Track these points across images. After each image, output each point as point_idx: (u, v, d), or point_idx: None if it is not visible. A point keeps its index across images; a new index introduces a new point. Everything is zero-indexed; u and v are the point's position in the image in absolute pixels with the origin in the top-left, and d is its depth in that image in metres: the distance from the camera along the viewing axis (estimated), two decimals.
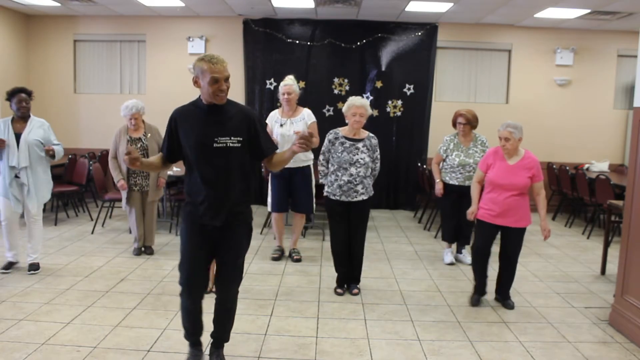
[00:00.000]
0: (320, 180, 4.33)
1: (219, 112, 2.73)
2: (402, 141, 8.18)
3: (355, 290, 4.28)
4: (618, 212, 5.00)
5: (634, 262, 3.60)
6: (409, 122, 8.14)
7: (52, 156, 4.55)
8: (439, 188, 5.20)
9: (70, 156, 6.91)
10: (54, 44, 8.26)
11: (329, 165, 4.22)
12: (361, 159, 4.11)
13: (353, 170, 4.09)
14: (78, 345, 3.23)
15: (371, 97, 8.11)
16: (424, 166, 7.46)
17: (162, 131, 3.09)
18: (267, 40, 8.01)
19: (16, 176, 4.45)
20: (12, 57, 7.86)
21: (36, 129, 4.51)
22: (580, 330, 3.71)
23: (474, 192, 4.14)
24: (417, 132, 8.18)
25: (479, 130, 5.20)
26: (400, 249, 5.85)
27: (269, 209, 5.35)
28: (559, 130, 8.29)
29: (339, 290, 4.29)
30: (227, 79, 2.71)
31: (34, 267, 4.60)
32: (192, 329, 2.94)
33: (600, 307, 4.15)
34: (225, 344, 3.28)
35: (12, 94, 4.46)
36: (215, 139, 2.67)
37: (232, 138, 2.69)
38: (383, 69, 8.05)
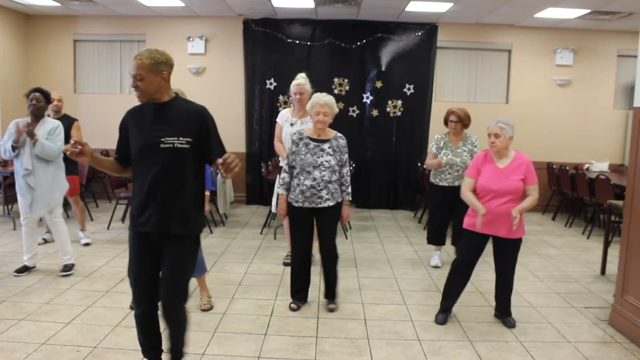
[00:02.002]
0: (278, 190, 3.94)
1: (167, 110, 2.52)
2: (402, 141, 8.18)
3: (332, 306, 3.92)
4: (618, 212, 5.00)
5: (634, 262, 3.60)
6: (409, 122, 8.14)
7: (33, 142, 4.30)
8: (437, 162, 4.87)
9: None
10: (54, 44, 8.26)
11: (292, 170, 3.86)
12: (326, 161, 3.74)
13: (317, 173, 3.72)
14: (78, 345, 3.23)
15: (371, 97, 8.12)
16: (424, 166, 7.46)
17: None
18: (267, 40, 8.02)
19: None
20: (12, 57, 7.86)
21: (45, 130, 4.44)
22: (580, 330, 3.71)
23: (473, 198, 3.63)
24: (417, 132, 8.18)
25: (479, 131, 5.17)
26: (400, 249, 5.84)
27: (274, 210, 5.23)
28: (559, 130, 8.29)
29: (293, 306, 3.91)
30: (138, 77, 2.44)
31: (67, 269, 4.58)
32: (144, 342, 2.73)
33: (600, 307, 4.14)
34: (225, 344, 3.29)
35: (28, 93, 4.48)
36: (162, 139, 2.46)
37: (181, 138, 2.47)
38: (383, 69, 8.06)
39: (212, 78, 8.24)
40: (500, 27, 8.13)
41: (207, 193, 4.29)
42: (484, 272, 4.99)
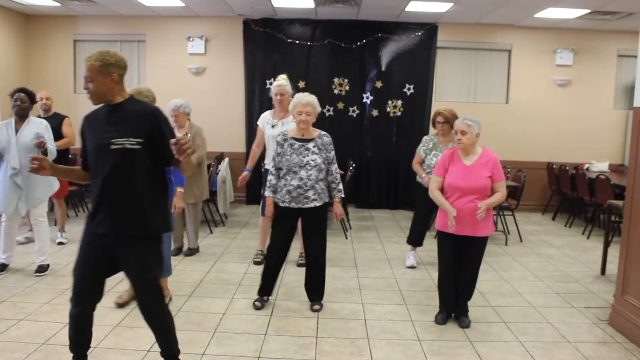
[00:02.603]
0: (265, 193, 3.93)
1: (118, 112, 2.55)
2: (402, 141, 8.17)
3: (317, 307, 3.90)
4: (618, 212, 5.00)
5: (634, 262, 3.60)
6: (409, 122, 8.14)
7: (45, 152, 4.37)
8: (426, 181, 4.70)
9: (70, 156, 6.90)
10: (54, 44, 8.26)
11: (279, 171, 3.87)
12: (312, 160, 3.75)
13: (303, 173, 3.73)
14: None
15: (371, 97, 8.12)
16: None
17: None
18: (267, 40, 8.02)
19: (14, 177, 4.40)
20: (12, 57, 7.86)
21: (30, 130, 4.46)
22: (580, 330, 3.71)
23: (441, 198, 3.63)
24: (417, 132, 8.13)
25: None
26: (400, 249, 5.84)
27: (260, 212, 5.15)
28: (559, 130, 8.29)
29: (257, 304, 3.92)
30: (88, 79, 2.50)
31: (42, 269, 4.57)
32: (76, 339, 2.71)
33: (600, 307, 4.15)
34: (225, 344, 3.29)
35: (13, 93, 4.50)
36: (113, 141, 2.47)
37: (131, 139, 2.47)
38: (383, 69, 8.06)
39: (212, 78, 8.24)
40: (500, 27, 8.13)
41: (180, 189, 4.29)
42: (484, 272, 4.99)
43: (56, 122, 5.46)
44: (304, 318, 3.79)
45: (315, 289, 3.99)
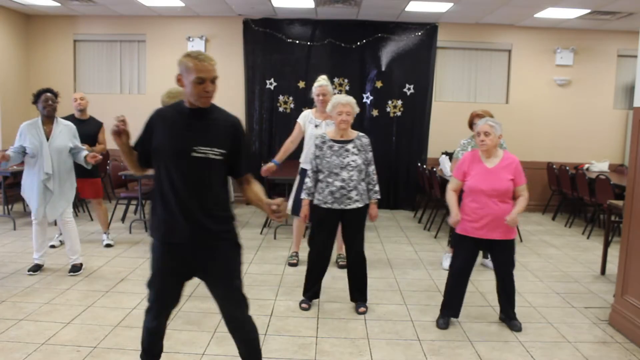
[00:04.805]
0: (302, 196, 3.92)
1: (202, 118, 2.39)
2: (402, 141, 8.18)
3: (363, 309, 3.89)
4: (618, 212, 5.00)
5: (634, 262, 3.60)
6: (409, 122, 8.14)
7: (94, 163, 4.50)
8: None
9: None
10: (54, 44, 8.27)
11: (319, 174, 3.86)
12: (352, 161, 3.77)
13: (345, 174, 3.74)
14: (78, 345, 3.23)
15: (371, 97, 8.12)
16: (424, 166, 7.47)
17: None
18: (267, 40, 8.02)
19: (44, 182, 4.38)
20: (12, 57, 7.86)
21: (64, 134, 4.46)
22: (580, 330, 3.71)
23: (452, 200, 3.63)
24: (417, 132, 8.18)
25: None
26: (400, 249, 5.84)
27: (290, 212, 4.98)
28: (559, 130, 8.29)
29: (304, 305, 3.93)
30: (213, 80, 2.36)
31: (75, 269, 4.60)
32: (151, 350, 2.67)
33: (600, 307, 4.14)
34: (225, 344, 3.29)
35: (38, 95, 4.44)
36: (195, 148, 2.33)
37: (215, 149, 2.35)
38: (383, 69, 8.06)
39: None
40: (500, 27, 8.13)
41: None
42: (484, 272, 4.99)
43: (94, 127, 5.47)
44: (304, 318, 3.79)
45: (359, 290, 3.96)
